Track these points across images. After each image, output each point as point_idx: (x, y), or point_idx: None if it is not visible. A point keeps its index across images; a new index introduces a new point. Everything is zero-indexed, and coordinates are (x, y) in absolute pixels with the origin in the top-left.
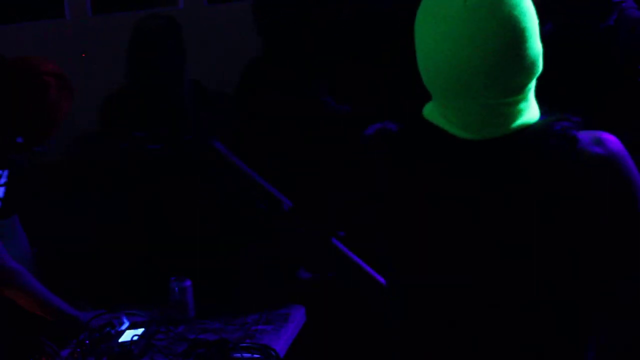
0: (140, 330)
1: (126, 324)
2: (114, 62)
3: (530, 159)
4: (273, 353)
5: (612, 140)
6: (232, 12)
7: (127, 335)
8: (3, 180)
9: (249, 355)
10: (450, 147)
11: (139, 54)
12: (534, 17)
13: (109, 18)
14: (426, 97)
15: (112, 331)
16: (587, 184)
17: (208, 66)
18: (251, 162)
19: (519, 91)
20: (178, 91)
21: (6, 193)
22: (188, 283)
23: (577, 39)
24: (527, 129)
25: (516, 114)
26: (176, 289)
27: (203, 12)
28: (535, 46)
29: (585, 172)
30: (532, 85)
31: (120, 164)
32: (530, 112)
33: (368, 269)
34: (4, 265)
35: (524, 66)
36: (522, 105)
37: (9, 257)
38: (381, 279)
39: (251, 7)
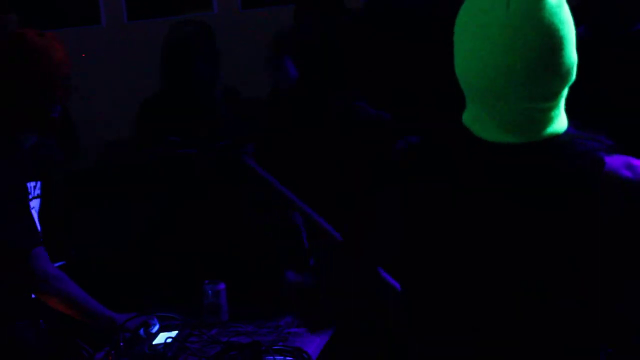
0: (173, 333)
1: (157, 326)
2: (149, 67)
3: (558, 170)
4: (305, 356)
5: None
6: (267, 17)
7: (161, 338)
8: (37, 192)
9: (281, 358)
10: (480, 151)
11: (173, 59)
12: (572, 25)
13: (145, 24)
14: (456, 102)
15: (145, 333)
16: (613, 206)
17: (242, 71)
18: (283, 170)
19: (553, 98)
20: (212, 96)
21: (42, 205)
22: (222, 286)
23: (610, 41)
24: (557, 138)
25: (548, 120)
26: (210, 292)
27: (238, 17)
28: (572, 54)
29: (612, 194)
30: (565, 93)
31: (154, 169)
32: (560, 120)
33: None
34: (47, 271)
35: (560, 73)
36: (554, 113)
37: (50, 264)
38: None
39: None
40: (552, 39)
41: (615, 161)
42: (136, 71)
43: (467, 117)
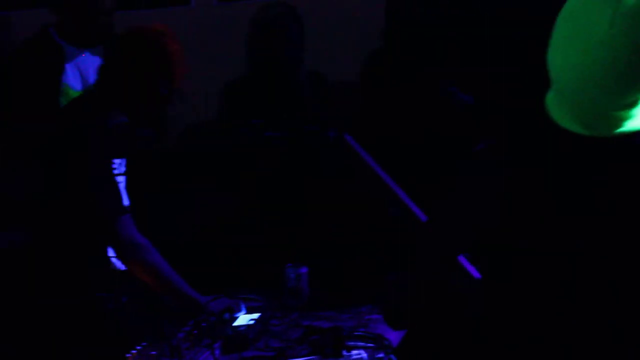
0: (256, 315)
1: (243, 311)
2: (236, 50)
3: (633, 165)
4: (386, 342)
5: None
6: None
7: (243, 320)
8: (122, 169)
9: (362, 344)
10: (560, 141)
11: (260, 41)
12: None
13: (234, 6)
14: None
15: (229, 316)
16: None
17: (328, 56)
18: (376, 158)
19: (635, 105)
20: (298, 79)
21: (127, 182)
22: (304, 270)
23: None
24: (630, 135)
25: (627, 118)
26: (292, 275)
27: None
28: None
29: None
30: None
31: (239, 152)
32: (637, 120)
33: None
34: (133, 238)
35: None
36: (633, 112)
37: (138, 233)
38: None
39: None
40: None
41: None
42: (224, 53)
43: (550, 101)
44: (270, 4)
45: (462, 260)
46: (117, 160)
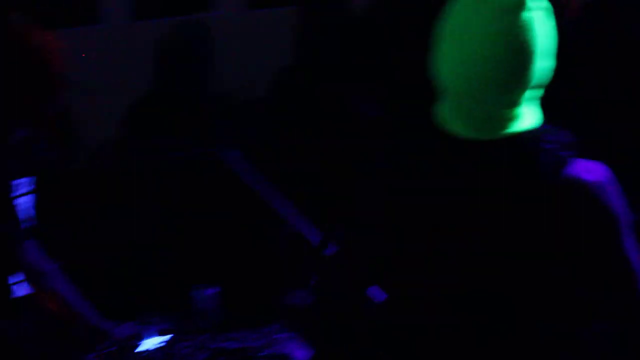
0: (162, 339)
1: (153, 335)
2: (145, 68)
3: (520, 167)
4: None
5: (603, 169)
6: (272, 19)
7: (151, 344)
8: (28, 189)
9: None
10: (448, 145)
11: (166, 60)
12: (550, 37)
13: (147, 24)
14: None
15: (135, 342)
16: (570, 207)
17: (236, 75)
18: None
19: (521, 102)
20: (204, 99)
21: (37, 200)
22: (211, 292)
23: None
24: (522, 135)
25: (513, 119)
26: (200, 297)
27: (243, 19)
28: (547, 66)
29: (569, 195)
30: (537, 95)
31: (141, 171)
32: (529, 117)
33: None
34: (36, 265)
35: (529, 85)
36: (520, 111)
37: (41, 257)
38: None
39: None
40: (529, 56)
41: (579, 163)
42: (137, 71)
43: (439, 112)
44: (179, 23)
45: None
46: (22, 180)
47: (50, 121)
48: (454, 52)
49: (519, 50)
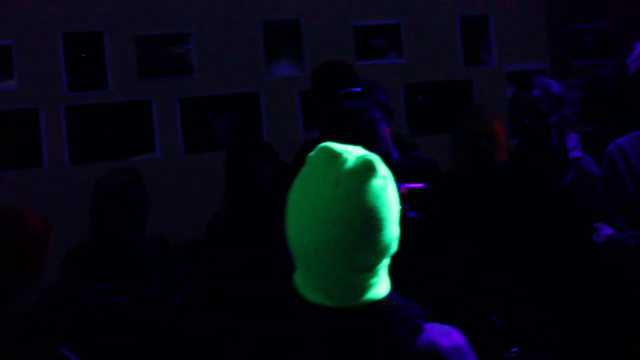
0: None
1: None
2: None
3: (375, 335)
4: None
5: (458, 334)
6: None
7: None
8: None
9: None
10: (307, 313)
11: (101, 206)
12: (394, 205)
13: (86, 168)
14: None
15: None
16: None
17: (172, 219)
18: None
19: (371, 270)
20: (141, 244)
21: None
22: None
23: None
24: (377, 304)
25: (367, 288)
26: None
27: (181, 162)
28: (391, 232)
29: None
30: (385, 263)
31: (83, 317)
32: (380, 287)
33: None
34: None
35: (378, 250)
36: (373, 281)
37: None
38: None
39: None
40: (373, 220)
41: (433, 329)
42: (75, 215)
43: (296, 279)
44: (113, 170)
45: None
46: None
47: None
48: (301, 217)
49: (367, 215)
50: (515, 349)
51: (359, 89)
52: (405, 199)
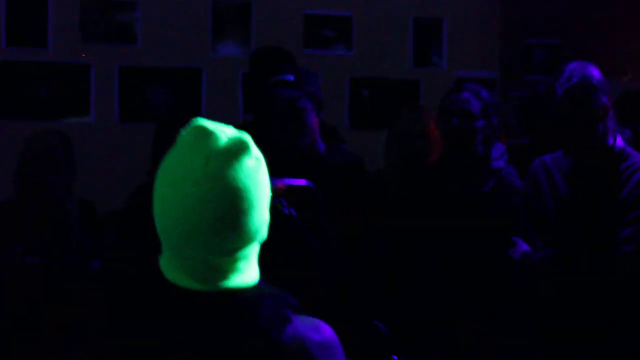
0: None
1: None
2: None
3: (239, 321)
4: None
5: (328, 329)
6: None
7: None
8: None
9: None
10: (171, 297)
11: (26, 167)
12: (266, 189)
13: (16, 125)
14: None
15: None
16: None
17: (102, 185)
18: None
19: (238, 253)
20: (64, 208)
21: None
22: None
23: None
24: (243, 290)
25: (232, 272)
26: None
27: (114, 129)
28: (259, 217)
29: (290, 354)
30: (254, 249)
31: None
32: (248, 273)
33: None
34: None
35: (245, 233)
36: (240, 266)
37: None
38: None
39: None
40: (242, 201)
41: (302, 321)
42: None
43: (162, 260)
44: (42, 131)
45: None
46: None
47: None
48: (167, 193)
49: (236, 195)
50: (395, 357)
51: (292, 77)
52: (284, 195)
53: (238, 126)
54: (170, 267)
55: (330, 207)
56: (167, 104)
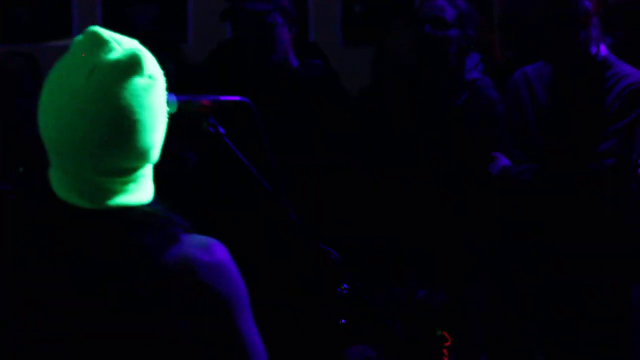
0: None
1: None
2: None
3: (124, 240)
4: None
5: (221, 249)
6: None
7: None
8: None
9: None
10: (57, 213)
11: None
12: (159, 110)
13: None
14: None
15: None
16: (177, 288)
17: None
18: None
19: (123, 174)
20: (33, 133)
21: None
22: None
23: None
24: (131, 209)
25: (120, 192)
26: None
27: None
28: (149, 139)
29: (176, 274)
30: (146, 170)
31: None
32: (137, 194)
33: None
34: None
35: (131, 153)
36: (127, 187)
37: None
38: None
39: None
40: (125, 120)
41: (191, 241)
42: None
43: (51, 175)
44: (8, 53)
45: None
46: None
47: None
48: (50, 105)
49: (119, 114)
50: (346, 285)
51: None
52: (210, 112)
53: (218, 44)
54: (58, 183)
55: (303, 123)
56: (152, 23)
